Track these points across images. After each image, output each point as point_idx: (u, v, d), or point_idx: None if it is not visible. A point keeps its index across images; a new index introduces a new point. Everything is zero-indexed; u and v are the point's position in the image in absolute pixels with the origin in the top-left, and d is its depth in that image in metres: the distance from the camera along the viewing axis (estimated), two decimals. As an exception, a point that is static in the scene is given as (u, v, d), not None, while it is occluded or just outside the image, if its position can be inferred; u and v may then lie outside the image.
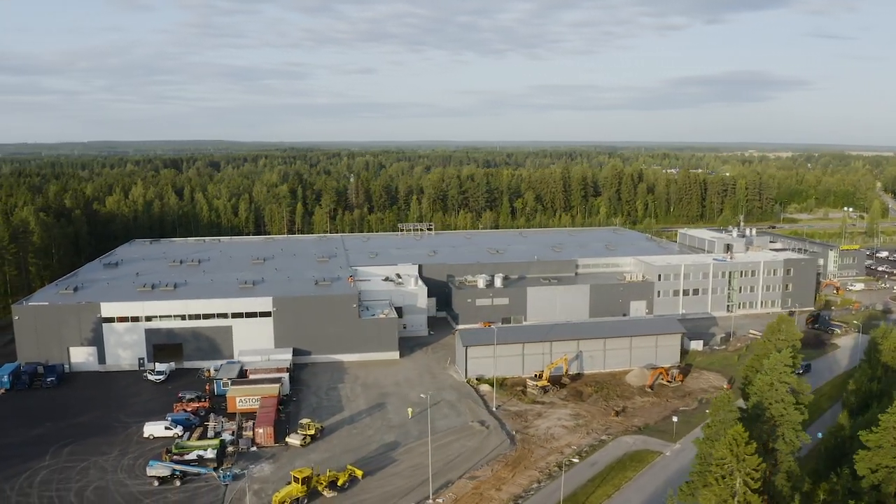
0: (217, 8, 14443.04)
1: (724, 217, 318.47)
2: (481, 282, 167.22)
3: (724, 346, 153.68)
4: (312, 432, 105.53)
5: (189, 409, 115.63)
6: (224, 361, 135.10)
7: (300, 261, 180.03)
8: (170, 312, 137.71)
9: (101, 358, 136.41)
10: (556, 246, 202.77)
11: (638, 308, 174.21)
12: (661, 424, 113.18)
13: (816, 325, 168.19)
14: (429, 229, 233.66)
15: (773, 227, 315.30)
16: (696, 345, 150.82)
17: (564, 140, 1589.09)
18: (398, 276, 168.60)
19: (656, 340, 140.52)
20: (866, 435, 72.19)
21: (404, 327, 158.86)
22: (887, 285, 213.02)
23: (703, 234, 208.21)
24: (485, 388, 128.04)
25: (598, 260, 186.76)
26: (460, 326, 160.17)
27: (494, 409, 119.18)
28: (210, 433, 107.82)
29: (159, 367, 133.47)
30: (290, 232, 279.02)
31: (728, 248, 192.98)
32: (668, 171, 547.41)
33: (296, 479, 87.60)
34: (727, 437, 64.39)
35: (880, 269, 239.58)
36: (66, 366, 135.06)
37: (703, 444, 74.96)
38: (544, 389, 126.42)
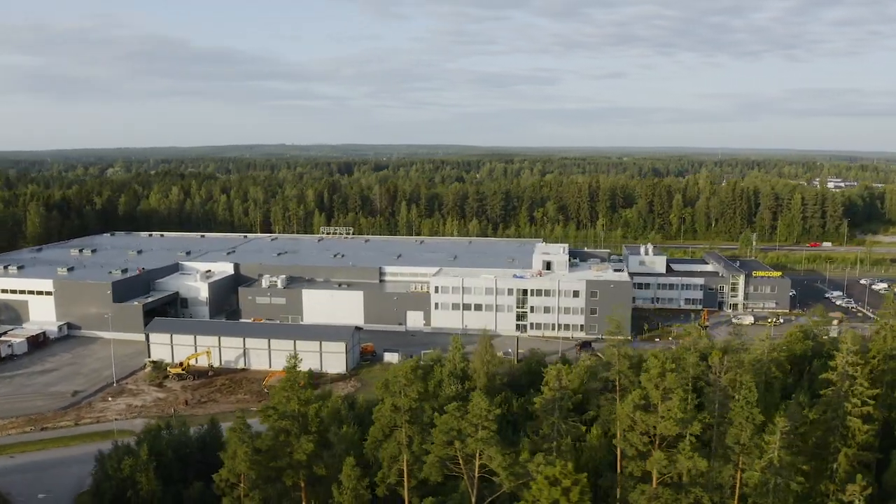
0: (468, 15, 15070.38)
1: (745, 236, 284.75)
2: (264, 282, 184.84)
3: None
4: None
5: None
6: (13, 327, 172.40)
7: (159, 254, 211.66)
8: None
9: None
10: (400, 255, 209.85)
11: (416, 318, 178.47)
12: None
13: (581, 353, 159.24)
14: (347, 233, 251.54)
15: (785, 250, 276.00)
16: (392, 357, 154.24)
17: (824, 148, 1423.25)
18: (208, 271, 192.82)
19: (320, 346, 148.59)
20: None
21: (191, 316, 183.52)
22: (782, 321, 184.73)
23: (544, 248, 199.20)
24: (148, 369, 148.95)
25: (406, 269, 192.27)
26: (242, 320, 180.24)
27: (115, 384, 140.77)
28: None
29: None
30: (297, 231, 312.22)
31: (547, 265, 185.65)
32: (839, 184, 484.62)
33: None
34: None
35: (839, 303, 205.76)
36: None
37: None
38: (179, 376, 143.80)
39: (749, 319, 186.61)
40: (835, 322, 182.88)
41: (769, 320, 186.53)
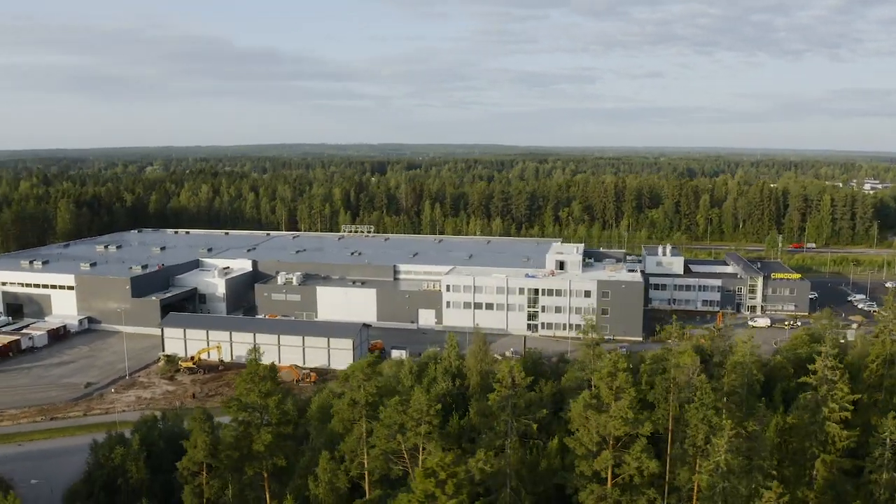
0: (509, 15, 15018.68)
1: (771, 238, 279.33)
2: (280, 279, 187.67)
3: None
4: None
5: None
6: (34, 320, 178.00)
7: (182, 251, 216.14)
8: (13, 280, 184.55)
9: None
10: (416, 253, 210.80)
11: (427, 316, 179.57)
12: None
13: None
14: (368, 232, 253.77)
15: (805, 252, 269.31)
16: (399, 354, 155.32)
17: (867, 150, 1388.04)
18: (226, 268, 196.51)
19: (328, 342, 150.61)
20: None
21: (209, 311, 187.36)
22: (799, 324, 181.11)
23: (558, 248, 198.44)
24: (161, 363, 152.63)
25: (420, 267, 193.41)
26: (258, 316, 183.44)
27: (127, 377, 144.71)
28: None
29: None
30: (322, 230, 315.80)
31: (560, 265, 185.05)
32: (876, 186, 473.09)
33: None
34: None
35: (861, 306, 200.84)
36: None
37: None
38: (190, 370, 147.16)
39: (765, 322, 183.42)
40: (854, 325, 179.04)
41: (786, 323, 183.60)
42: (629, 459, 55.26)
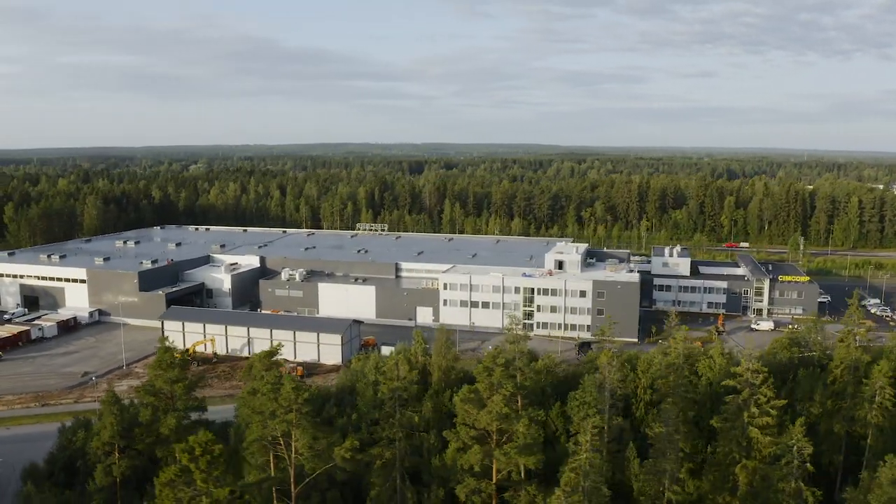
0: (554, 14, 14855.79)
1: (794, 240, 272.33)
2: (284, 274, 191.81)
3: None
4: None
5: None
6: (47, 312, 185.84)
7: (198, 247, 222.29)
8: (29, 273, 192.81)
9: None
10: (421, 252, 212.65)
11: (425, 314, 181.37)
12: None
13: (580, 353, 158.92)
14: (381, 230, 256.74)
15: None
16: (387, 350, 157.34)
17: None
18: (234, 264, 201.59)
19: (318, 337, 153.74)
20: None
21: (216, 306, 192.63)
22: (800, 328, 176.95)
23: (558, 248, 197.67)
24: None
25: (421, 265, 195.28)
26: (262, 311, 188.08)
27: (124, 367, 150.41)
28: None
29: (14, 310, 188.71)
30: (342, 228, 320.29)
31: (559, 264, 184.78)
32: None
33: None
34: None
35: (874, 311, 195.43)
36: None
37: None
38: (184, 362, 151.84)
39: (769, 325, 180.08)
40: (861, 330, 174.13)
41: (790, 326, 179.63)
42: (499, 455, 56.10)
